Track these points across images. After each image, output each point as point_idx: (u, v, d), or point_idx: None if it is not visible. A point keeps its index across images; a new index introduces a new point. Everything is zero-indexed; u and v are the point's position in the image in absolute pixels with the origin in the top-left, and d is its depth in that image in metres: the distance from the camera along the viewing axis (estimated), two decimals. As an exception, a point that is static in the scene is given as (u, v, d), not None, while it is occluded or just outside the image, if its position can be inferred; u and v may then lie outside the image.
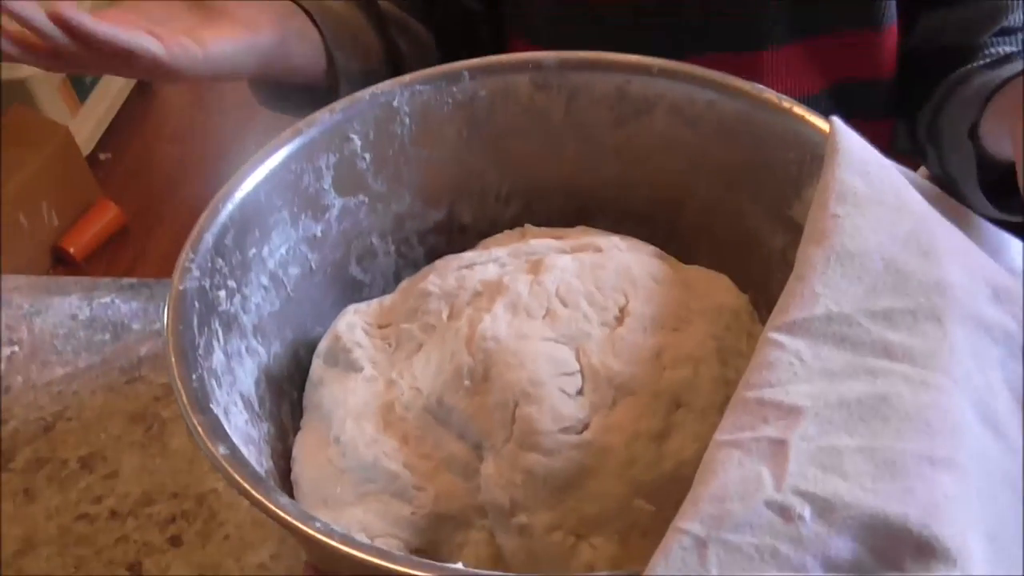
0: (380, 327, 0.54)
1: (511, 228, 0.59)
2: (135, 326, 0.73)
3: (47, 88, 2.03)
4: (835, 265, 0.41)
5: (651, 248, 0.55)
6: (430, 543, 0.47)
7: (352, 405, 0.50)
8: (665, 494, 0.44)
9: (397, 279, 0.59)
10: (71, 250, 1.97)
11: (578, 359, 0.47)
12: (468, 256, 0.55)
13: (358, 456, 0.48)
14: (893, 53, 0.71)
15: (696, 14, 0.69)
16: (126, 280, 0.77)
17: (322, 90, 0.69)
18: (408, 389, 0.49)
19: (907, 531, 0.34)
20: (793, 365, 0.39)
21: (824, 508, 0.34)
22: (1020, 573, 0.37)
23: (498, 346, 0.47)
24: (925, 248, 0.43)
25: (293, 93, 0.70)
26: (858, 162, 0.45)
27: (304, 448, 0.52)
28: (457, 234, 0.61)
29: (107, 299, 0.76)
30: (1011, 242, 0.50)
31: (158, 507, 0.62)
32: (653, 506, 0.44)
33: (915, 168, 0.61)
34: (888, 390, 0.37)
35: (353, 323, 0.54)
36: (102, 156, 2.26)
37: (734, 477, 0.35)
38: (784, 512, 0.34)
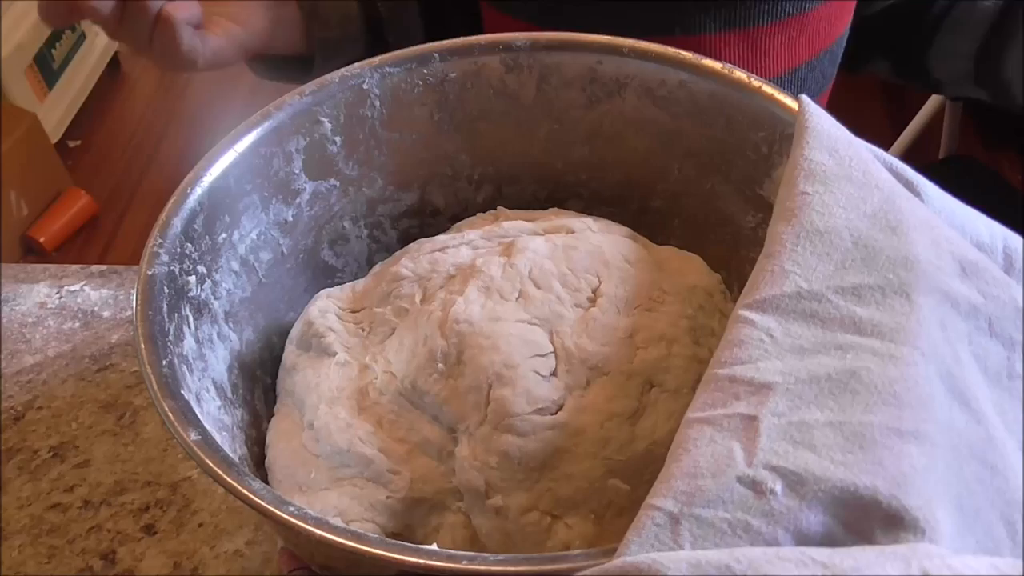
0: (353, 312, 0.54)
1: (484, 211, 0.59)
2: (105, 314, 0.72)
3: (14, 74, 2.00)
4: (804, 242, 0.42)
5: (623, 229, 0.55)
6: (406, 527, 0.47)
7: (325, 390, 0.50)
8: (639, 473, 0.45)
9: (370, 263, 0.59)
10: (41, 239, 1.95)
11: (551, 341, 0.47)
12: (441, 239, 0.55)
13: (332, 441, 0.48)
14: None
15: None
16: (96, 267, 0.76)
17: (307, 59, 0.71)
18: (382, 373, 0.49)
19: (876, 502, 0.34)
20: (764, 342, 0.39)
21: (795, 482, 0.34)
22: (985, 542, 0.37)
23: (471, 329, 0.47)
24: (893, 224, 0.43)
25: (283, 63, 0.71)
26: (826, 140, 0.45)
27: (278, 434, 0.51)
28: (429, 218, 0.61)
29: (76, 287, 0.75)
30: (978, 218, 0.51)
31: (131, 496, 0.62)
32: (628, 485, 0.45)
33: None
34: (857, 365, 0.38)
35: (326, 308, 0.53)
36: (71, 143, 2.23)
37: (706, 453, 0.35)
38: (756, 487, 0.34)
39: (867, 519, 0.34)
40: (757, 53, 0.73)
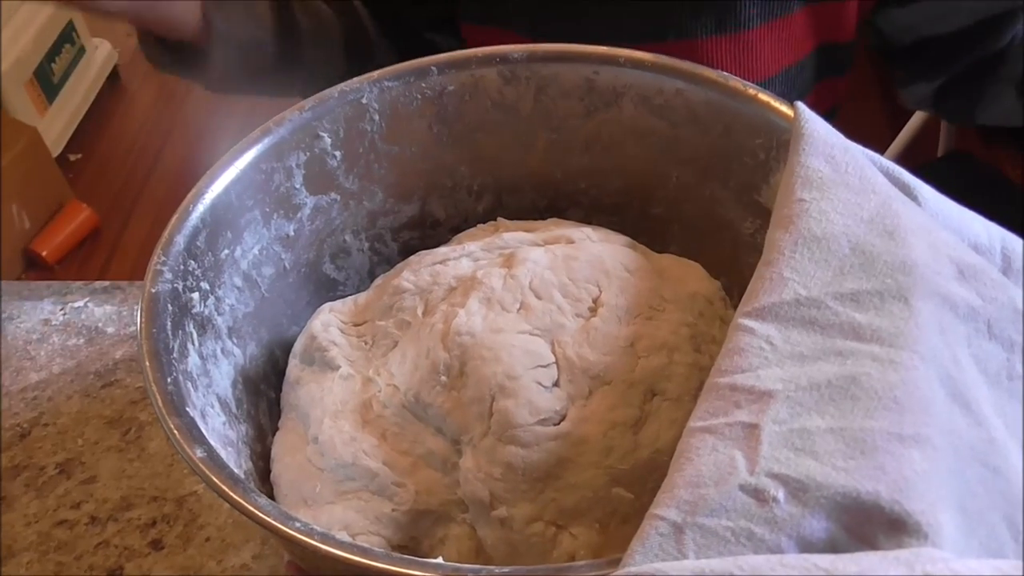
0: (356, 325, 0.54)
1: (484, 222, 0.59)
2: (109, 330, 0.73)
3: (14, 88, 2.01)
4: (802, 249, 0.42)
5: (623, 238, 0.55)
6: (411, 539, 0.47)
7: (329, 404, 0.50)
8: (643, 481, 0.45)
9: (372, 276, 0.59)
10: (43, 253, 1.95)
11: (553, 351, 0.47)
12: (441, 251, 0.55)
13: (337, 455, 0.48)
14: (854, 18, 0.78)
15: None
16: (99, 283, 0.77)
17: (203, 50, 0.68)
18: (385, 386, 0.50)
19: (879, 508, 0.34)
20: (764, 350, 0.39)
21: (797, 489, 0.34)
22: (989, 544, 0.38)
23: (473, 341, 0.47)
24: (890, 228, 0.43)
25: (175, 48, 0.69)
26: (822, 146, 0.46)
27: (283, 448, 0.52)
28: (430, 229, 0.61)
29: (80, 303, 0.75)
30: (975, 219, 0.51)
31: (138, 511, 0.62)
32: (631, 494, 0.45)
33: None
34: (857, 370, 0.38)
35: (328, 322, 0.54)
36: (72, 157, 2.24)
37: (708, 462, 0.35)
38: (758, 495, 0.34)
39: (870, 524, 0.34)
40: (749, 55, 0.74)
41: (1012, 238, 0.50)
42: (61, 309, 0.75)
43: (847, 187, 0.44)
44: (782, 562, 0.33)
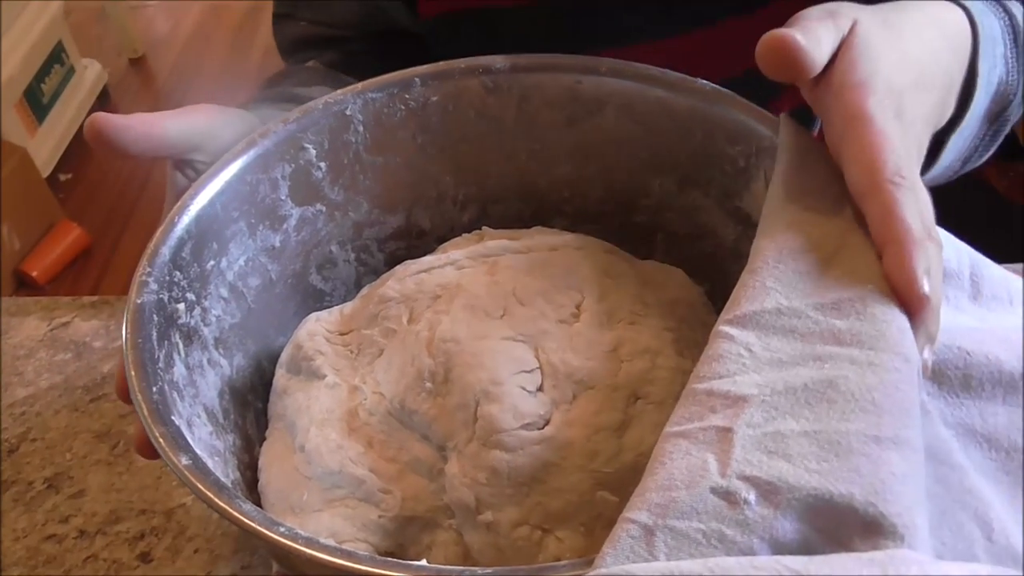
0: (342, 334, 0.54)
1: (469, 231, 0.59)
2: (97, 344, 0.73)
3: (3, 109, 2.02)
4: (787, 259, 0.42)
5: (605, 245, 0.55)
6: (399, 546, 0.47)
7: (316, 413, 0.50)
8: (627, 485, 0.45)
9: (358, 287, 0.59)
10: (34, 273, 1.95)
11: (537, 356, 0.47)
12: (426, 261, 0.55)
13: (323, 463, 0.48)
14: None
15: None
16: (87, 298, 0.77)
17: None
18: (371, 394, 0.50)
19: (852, 510, 0.34)
20: (742, 356, 0.40)
21: (769, 491, 0.35)
22: (955, 543, 0.38)
23: (458, 347, 0.48)
24: None
25: None
26: (806, 157, 0.46)
27: (270, 458, 0.52)
28: (416, 239, 0.62)
29: (67, 318, 0.75)
30: (947, 239, 0.51)
31: (127, 524, 0.62)
32: (616, 497, 0.45)
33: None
34: (834, 374, 0.38)
35: (314, 331, 0.54)
36: (62, 176, 2.25)
37: (680, 466, 0.36)
38: (729, 497, 0.34)
39: (844, 527, 0.35)
40: (725, 50, 0.72)
41: (982, 262, 0.51)
42: (48, 324, 0.75)
43: (830, 198, 0.45)
44: (753, 564, 0.33)
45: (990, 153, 0.54)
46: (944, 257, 0.50)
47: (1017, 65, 0.52)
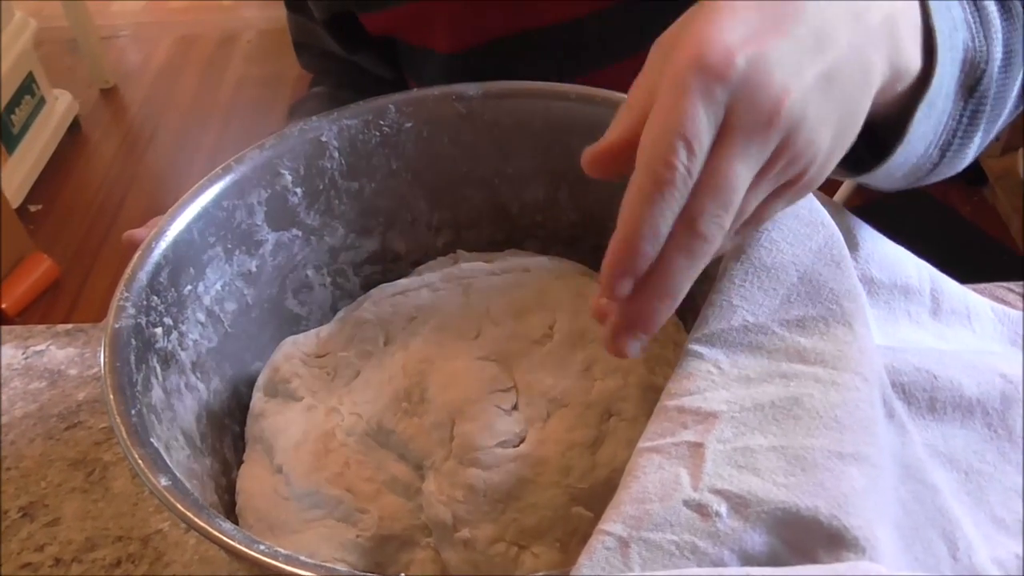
0: (318, 357, 0.55)
1: (444, 255, 0.60)
2: (72, 372, 0.73)
3: (-28, 142, 2.00)
4: (752, 278, 0.44)
5: (577, 266, 0.57)
6: (377, 565, 0.48)
7: (293, 434, 0.51)
8: (602, 500, 0.46)
9: (334, 311, 0.60)
10: (3, 306, 1.93)
11: (511, 376, 0.48)
12: (402, 283, 0.56)
13: (301, 484, 0.49)
14: None
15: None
16: (61, 327, 0.77)
17: None
18: (348, 415, 0.50)
19: (817, 523, 0.35)
20: (712, 374, 0.41)
21: (739, 504, 0.36)
22: (925, 559, 0.39)
23: (433, 367, 0.48)
24: (837, 259, 0.45)
25: None
26: None
27: (248, 480, 0.52)
28: (391, 263, 0.63)
29: (42, 346, 0.75)
30: (908, 259, 0.53)
31: (103, 551, 0.62)
32: (591, 512, 0.46)
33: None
34: (800, 392, 0.39)
35: (291, 354, 0.54)
36: (32, 208, 2.23)
37: (654, 480, 0.37)
38: (701, 510, 0.36)
39: (809, 539, 0.36)
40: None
41: (941, 278, 0.52)
42: (23, 353, 0.75)
43: (797, 218, 0.46)
44: (724, 575, 0.34)
45: (973, 145, 0.51)
46: (906, 274, 0.52)
47: (983, 30, 0.48)
